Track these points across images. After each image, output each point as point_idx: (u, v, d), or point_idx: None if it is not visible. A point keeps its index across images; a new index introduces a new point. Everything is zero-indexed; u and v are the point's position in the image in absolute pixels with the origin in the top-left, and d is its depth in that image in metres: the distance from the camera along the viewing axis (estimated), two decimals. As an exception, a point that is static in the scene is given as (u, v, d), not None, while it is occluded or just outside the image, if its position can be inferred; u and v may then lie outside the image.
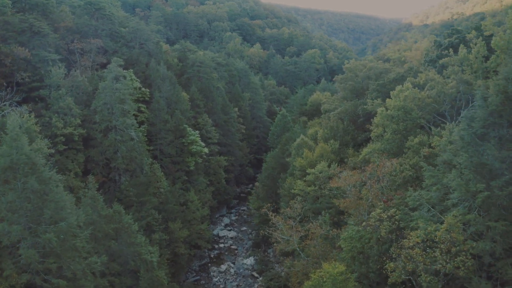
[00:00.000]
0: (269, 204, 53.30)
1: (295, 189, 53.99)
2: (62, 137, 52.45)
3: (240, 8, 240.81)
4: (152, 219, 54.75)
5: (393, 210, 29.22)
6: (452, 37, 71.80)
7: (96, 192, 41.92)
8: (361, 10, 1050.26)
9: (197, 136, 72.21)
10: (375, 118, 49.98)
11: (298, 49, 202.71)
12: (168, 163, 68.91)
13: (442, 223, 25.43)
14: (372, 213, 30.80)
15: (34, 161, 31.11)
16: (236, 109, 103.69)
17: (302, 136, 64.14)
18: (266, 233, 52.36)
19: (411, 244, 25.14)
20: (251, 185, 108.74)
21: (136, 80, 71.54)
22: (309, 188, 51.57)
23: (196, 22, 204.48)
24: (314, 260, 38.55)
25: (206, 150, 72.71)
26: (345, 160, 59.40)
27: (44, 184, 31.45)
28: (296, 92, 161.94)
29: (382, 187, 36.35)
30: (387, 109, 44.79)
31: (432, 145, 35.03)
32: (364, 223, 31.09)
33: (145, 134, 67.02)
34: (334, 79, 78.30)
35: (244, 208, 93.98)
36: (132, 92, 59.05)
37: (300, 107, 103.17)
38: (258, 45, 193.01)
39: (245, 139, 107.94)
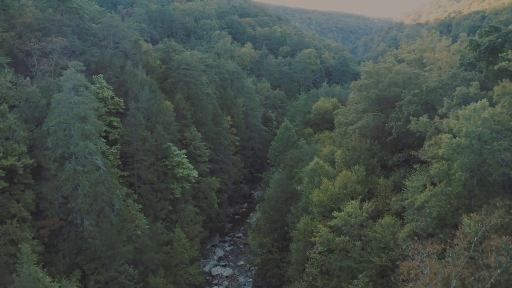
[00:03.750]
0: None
1: (315, 237, 40.74)
2: (1, 171, 38.59)
3: (229, 5, 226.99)
4: (125, 278, 41.10)
5: None
6: (492, 36, 59.31)
7: (35, 266, 28.13)
8: (349, 9, 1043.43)
9: (184, 157, 58.61)
10: (427, 143, 37.09)
11: (292, 49, 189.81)
12: (147, 192, 55.20)
13: None
14: None
15: None
16: (229, 117, 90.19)
17: (316, 159, 50.95)
18: None
19: None
20: (246, 204, 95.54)
21: (108, 88, 57.69)
22: (337, 239, 38.40)
23: (183, 20, 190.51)
24: None
25: (195, 173, 59.17)
26: (375, 192, 46.46)
27: None
28: (293, 96, 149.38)
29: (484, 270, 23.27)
30: (454, 136, 31.86)
31: None
32: None
33: (118, 157, 53.28)
34: (352, 85, 65.21)
35: (240, 234, 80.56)
36: (98, 106, 45.26)
37: (303, 115, 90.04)
38: (249, 44, 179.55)
39: (238, 152, 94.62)
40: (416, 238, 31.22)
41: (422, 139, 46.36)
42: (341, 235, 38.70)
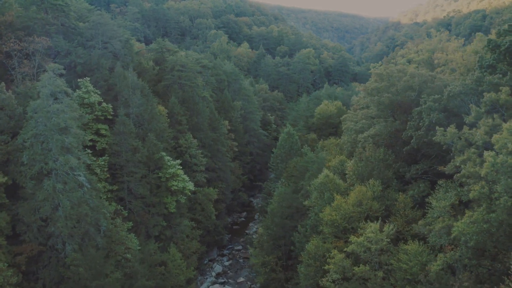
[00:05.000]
0: None
1: (329, 265, 35.81)
2: (-32, 190, 33.52)
3: (225, 4, 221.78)
4: (112, 312, 36.11)
5: None
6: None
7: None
8: (345, 9, 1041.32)
9: (179, 168, 53.51)
10: (458, 159, 32.28)
11: (290, 49, 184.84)
12: (139, 208, 50.10)
13: None
14: None
15: None
16: (226, 122, 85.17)
17: (326, 171, 46.07)
18: None
19: None
20: (245, 213, 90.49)
21: (95, 92, 52.53)
22: (356, 269, 33.50)
23: (177, 19, 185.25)
24: None
25: (190, 186, 54.12)
26: (392, 209, 41.63)
27: None
28: (292, 98, 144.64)
29: None
30: (496, 153, 27.03)
31: None
32: None
33: (105, 169, 48.17)
34: (362, 88, 60.17)
35: (240, 247, 75.49)
36: (81, 114, 40.05)
37: (306, 119, 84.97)
38: (246, 44, 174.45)
39: (236, 158, 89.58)
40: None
41: (443, 149, 41.77)
42: (360, 264, 33.77)
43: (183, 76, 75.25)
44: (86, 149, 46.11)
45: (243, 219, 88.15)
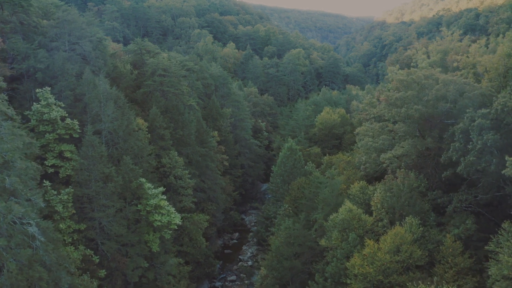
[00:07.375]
0: None
1: None
2: None
3: (208, 2, 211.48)
4: None
5: None
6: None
7: None
8: (327, 8, 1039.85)
9: (162, 198, 43.71)
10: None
11: (278, 49, 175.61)
12: (113, 250, 40.18)
13: None
14: None
15: None
16: (216, 133, 75.52)
17: (348, 204, 36.92)
18: None
19: None
20: (237, 234, 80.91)
21: (58, 105, 42.43)
22: None
23: (159, 18, 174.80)
24: None
25: (177, 219, 44.29)
26: (436, 255, 32.81)
27: None
28: (282, 102, 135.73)
29: None
30: None
31: None
32: None
33: (70, 204, 38.19)
34: (382, 98, 50.94)
35: (233, 277, 65.91)
36: (29, 141, 30.04)
37: (306, 129, 75.70)
38: (232, 44, 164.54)
39: (226, 172, 79.99)
40: None
41: (493, 176, 33.33)
42: None
43: (166, 82, 65.47)
44: (45, 180, 36.30)
45: (235, 241, 78.58)
